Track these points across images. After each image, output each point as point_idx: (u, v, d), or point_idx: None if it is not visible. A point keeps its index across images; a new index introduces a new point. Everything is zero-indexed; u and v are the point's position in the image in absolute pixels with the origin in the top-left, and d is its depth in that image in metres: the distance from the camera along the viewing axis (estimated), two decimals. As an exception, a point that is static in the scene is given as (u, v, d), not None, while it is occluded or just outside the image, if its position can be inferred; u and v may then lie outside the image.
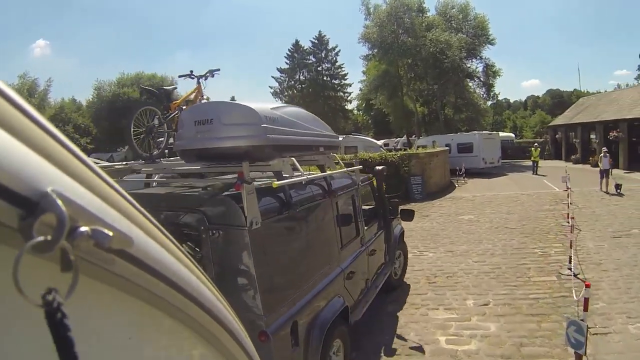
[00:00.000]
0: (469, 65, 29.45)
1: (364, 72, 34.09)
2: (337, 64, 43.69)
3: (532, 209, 11.39)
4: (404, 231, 6.04)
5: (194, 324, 0.70)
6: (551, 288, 5.49)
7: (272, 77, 44.06)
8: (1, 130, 0.32)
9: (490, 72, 29.84)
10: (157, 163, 3.33)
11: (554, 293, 5.31)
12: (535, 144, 23.09)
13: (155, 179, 3.49)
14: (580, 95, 48.64)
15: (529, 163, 26.28)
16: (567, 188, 13.07)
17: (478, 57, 29.43)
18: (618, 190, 12.96)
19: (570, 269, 5.82)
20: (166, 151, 3.66)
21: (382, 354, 4.01)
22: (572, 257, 6.07)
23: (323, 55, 43.62)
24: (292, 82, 43.64)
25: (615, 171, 20.27)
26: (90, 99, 34.53)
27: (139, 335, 0.59)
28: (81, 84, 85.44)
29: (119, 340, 0.55)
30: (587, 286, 3.42)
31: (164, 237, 0.58)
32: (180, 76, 4.69)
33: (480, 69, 30.31)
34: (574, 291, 4.88)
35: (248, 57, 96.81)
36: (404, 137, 29.28)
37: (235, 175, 3.62)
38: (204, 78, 4.02)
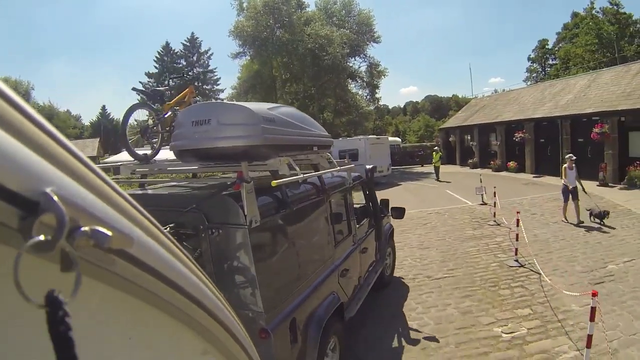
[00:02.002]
0: (351, 64, 26.93)
1: (239, 78, 29.88)
2: (210, 68, 39.98)
3: (451, 237, 8.17)
4: (393, 229, 6.16)
5: (194, 324, 0.70)
6: None
7: (140, 82, 38.66)
8: (1, 131, 0.32)
9: (375, 71, 27.32)
10: (151, 163, 3.36)
11: None
12: (436, 147, 21.64)
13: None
14: (458, 100, 49.96)
15: (420, 170, 25.06)
16: (484, 202, 11.15)
17: (362, 56, 26.97)
18: (601, 222, 8.20)
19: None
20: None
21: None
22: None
23: (195, 58, 40.17)
24: (161, 88, 40.92)
25: (523, 175, 18.15)
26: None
27: (139, 336, 0.59)
28: None
29: (119, 340, 0.55)
30: None
31: (164, 237, 0.58)
32: (172, 77, 4.68)
33: (364, 68, 27.79)
34: None
35: (121, 62, 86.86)
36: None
37: (225, 175, 3.69)
38: (196, 79, 3.96)
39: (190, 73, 36.66)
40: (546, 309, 4.70)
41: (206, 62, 39.82)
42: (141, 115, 3.45)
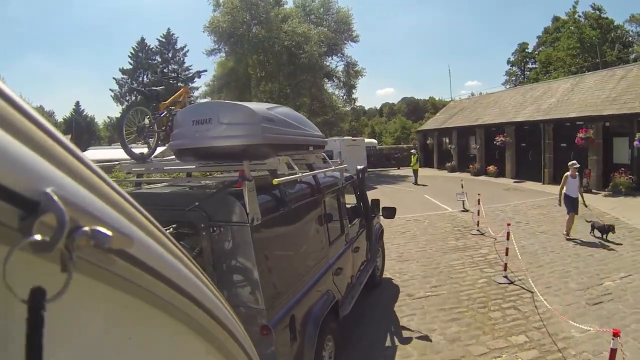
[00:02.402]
0: (328, 64, 25.97)
1: (214, 76, 28.60)
2: (185, 65, 38.79)
3: (433, 248, 7.63)
4: (383, 229, 6.22)
5: (194, 323, 0.70)
6: None
7: (114, 78, 38.01)
8: (1, 131, 0.32)
9: (352, 71, 26.57)
10: (148, 163, 3.37)
11: None
12: (413, 150, 20.60)
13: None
14: (435, 103, 49.58)
15: (397, 172, 24.28)
16: (465, 209, 10.69)
17: (339, 55, 26.14)
18: (604, 236, 7.57)
19: None
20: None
21: None
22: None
23: (170, 55, 38.86)
24: (135, 84, 37.56)
25: (503, 180, 17.61)
26: None
27: (139, 336, 0.59)
28: None
29: (119, 340, 0.55)
30: None
31: (164, 237, 0.58)
32: (166, 77, 4.77)
33: (341, 68, 26.85)
34: None
35: (96, 58, 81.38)
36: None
37: (219, 174, 3.71)
38: (191, 79, 4.07)
39: (184, 73, 36.12)
40: (543, 336, 4.20)
41: (182, 59, 39.21)
42: (139, 115, 3.48)
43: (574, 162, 7.98)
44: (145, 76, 38.06)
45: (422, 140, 27.08)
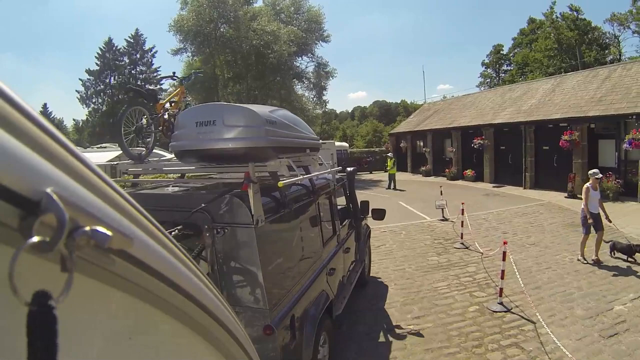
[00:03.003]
0: (298, 64, 25.09)
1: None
2: (154, 66, 37.91)
3: (413, 266, 6.67)
4: (370, 230, 6.35)
5: (194, 323, 0.70)
6: None
7: (80, 79, 36.34)
8: (1, 131, 0.33)
9: (323, 72, 25.65)
10: (145, 163, 3.37)
11: None
12: (389, 153, 19.25)
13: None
14: (407, 106, 49.80)
15: (369, 177, 22.96)
16: (444, 218, 9.86)
17: (310, 55, 25.15)
18: (630, 258, 6.41)
19: None
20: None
21: None
22: None
23: (138, 56, 37.51)
24: (102, 86, 36.80)
25: (482, 185, 16.73)
26: None
27: (139, 336, 0.59)
28: None
29: (119, 340, 0.55)
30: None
31: (164, 237, 0.58)
32: (162, 77, 4.83)
33: (311, 69, 25.83)
34: None
35: (64, 59, 78.12)
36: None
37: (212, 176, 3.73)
38: (186, 79, 4.17)
39: (177, 75, 35.67)
40: None
41: (150, 60, 38.08)
42: (137, 114, 3.47)
43: (595, 170, 6.61)
44: (112, 77, 36.84)
45: (394, 144, 25.81)
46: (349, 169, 5.37)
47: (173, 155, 3.83)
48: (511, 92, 19.58)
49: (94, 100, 37.16)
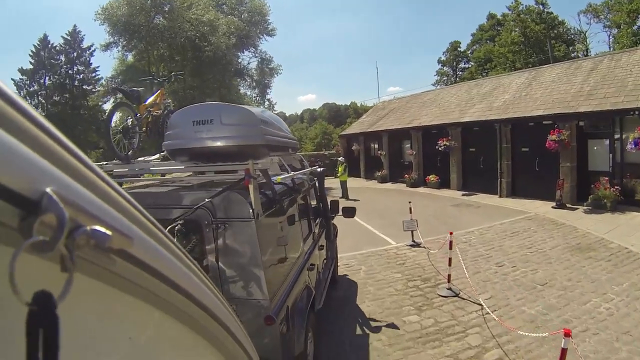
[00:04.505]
0: (240, 59, 23.11)
1: (112, 75, 24.72)
2: (92, 66, 35.33)
3: (383, 339, 4.17)
4: (337, 230, 6.38)
5: (194, 322, 0.71)
6: None
7: (12, 79, 32.49)
8: (1, 131, 0.33)
9: (267, 69, 23.73)
10: (132, 163, 3.38)
11: None
12: (341, 158, 16.66)
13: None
14: (357, 108, 49.18)
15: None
16: (415, 242, 7.44)
17: (252, 50, 23.18)
18: None
19: None
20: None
21: None
22: None
23: (75, 55, 35.09)
24: (36, 87, 33.54)
25: (448, 192, 14.45)
26: None
27: (139, 335, 0.59)
28: None
29: (119, 340, 0.55)
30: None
31: (164, 237, 0.58)
32: (142, 79, 4.82)
33: (254, 65, 24.00)
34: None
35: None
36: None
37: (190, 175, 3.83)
38: (166, 81, 4.22)
39: (90, 75, 34.04)
40: None
41: (88, 59, 35.11)
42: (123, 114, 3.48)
43: None
44: (48, 77, 33.84)
45: (346, 146, 23.28)
46: (318, 169, 5.52)
47: (157, 156, 3.94)
48: (478, 87, 17.34)
49: (28, 102, 35.30)
